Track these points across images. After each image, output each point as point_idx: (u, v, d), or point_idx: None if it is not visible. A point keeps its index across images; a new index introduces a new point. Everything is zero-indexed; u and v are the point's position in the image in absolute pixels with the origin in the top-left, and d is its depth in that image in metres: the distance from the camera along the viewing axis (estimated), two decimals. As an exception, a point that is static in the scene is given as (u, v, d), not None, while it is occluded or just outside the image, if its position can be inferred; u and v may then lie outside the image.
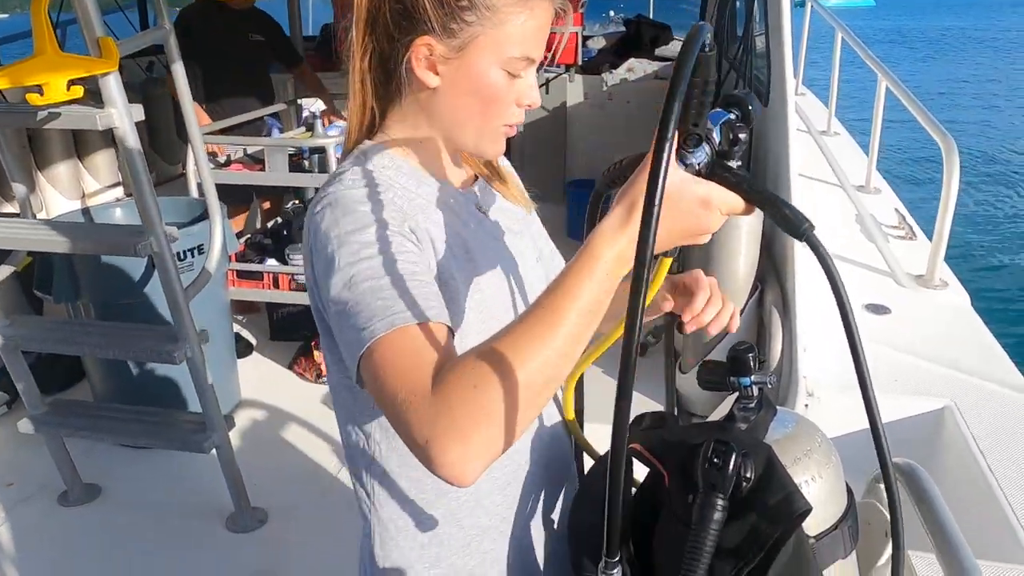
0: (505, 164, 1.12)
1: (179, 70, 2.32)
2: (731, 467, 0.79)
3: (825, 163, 4.49)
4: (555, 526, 1.10)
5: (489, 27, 0.87)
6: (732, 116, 0.73)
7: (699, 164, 0.72)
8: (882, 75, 3.62)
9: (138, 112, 1.98)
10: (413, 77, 0.91)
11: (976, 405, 2.19)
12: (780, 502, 0.79)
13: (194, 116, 2.40)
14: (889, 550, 1.17)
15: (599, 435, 1.02)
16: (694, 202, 0.72)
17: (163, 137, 5.60)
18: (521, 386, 0.69)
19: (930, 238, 3.00)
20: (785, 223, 0.72)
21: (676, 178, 0.70)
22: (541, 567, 1.08)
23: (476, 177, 1.06)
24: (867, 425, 0.89)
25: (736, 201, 0.73)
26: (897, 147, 10.63)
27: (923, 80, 19.73)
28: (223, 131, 3.59)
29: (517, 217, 1.08)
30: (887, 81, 3.59)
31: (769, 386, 0.96)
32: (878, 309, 2.73)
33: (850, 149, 4.84)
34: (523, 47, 0.89)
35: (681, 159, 0.71)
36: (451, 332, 0.80)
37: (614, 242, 0.70)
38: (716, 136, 0.72)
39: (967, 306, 2.82)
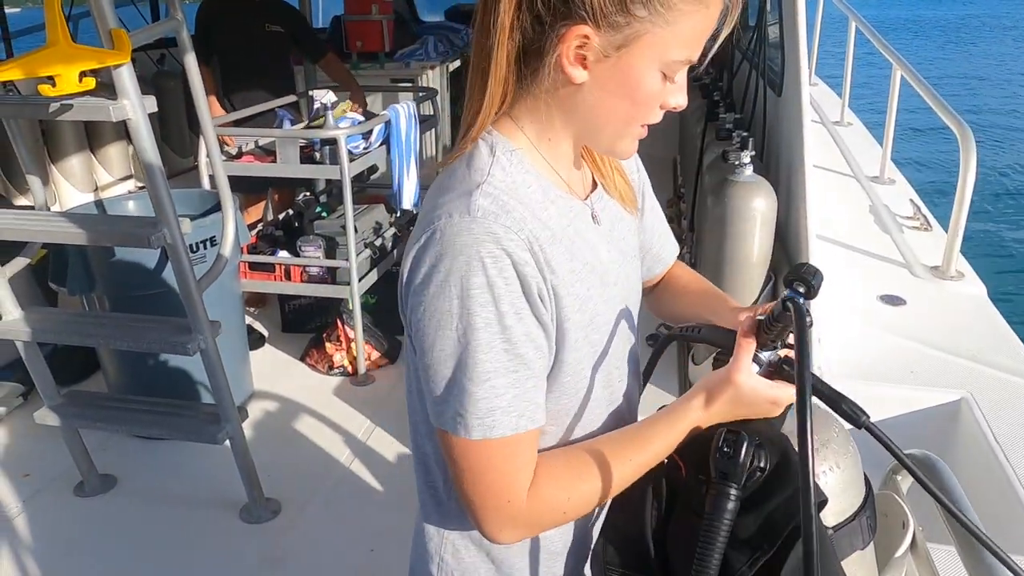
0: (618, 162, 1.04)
1: (191, 62, 2.32)
2: (743, 456, 0.79)
3: (839, 154, 4.45)
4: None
5: (660, 25, 0.78)
6: (799, 294, 0.83)
7: (769, 362, 0.88)
8: (896, 64, 3.58)
9: (151, 104, 1.98)
10: (559, 69, 0.81)
11: (993, 396, 2.17)
12: (795, 493, 0.78)
13: (207, 107, 2.40)
14: (907, 541, 1.17)
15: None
16: (764, 403, 0.88)
17: (175, 129, 5.64)
18: (589, 508, 0.90)
19: (946, 229, 2.97)
20: (845, 416, 0.84)
21: (751, 384, 0.87)
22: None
23: (595, 183, 0.99)
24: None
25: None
26: (912, 137, 10.52)
27: (938, 69, 19.54)
28: (235, 123, 3.59)
29: (626, 220, 1.03)
30: (902, 70, 3.55)
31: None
32: (894, 300, 2.70)
33: (864, 139, 4.80)
34: (689, 49, 0.82)
35: (755, 360, 0.88)
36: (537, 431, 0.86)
37: (693, 420, 0.89)
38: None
39: (984, 297, 2.80)
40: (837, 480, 0.94)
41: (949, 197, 2.86)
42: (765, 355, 0.88)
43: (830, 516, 0.94)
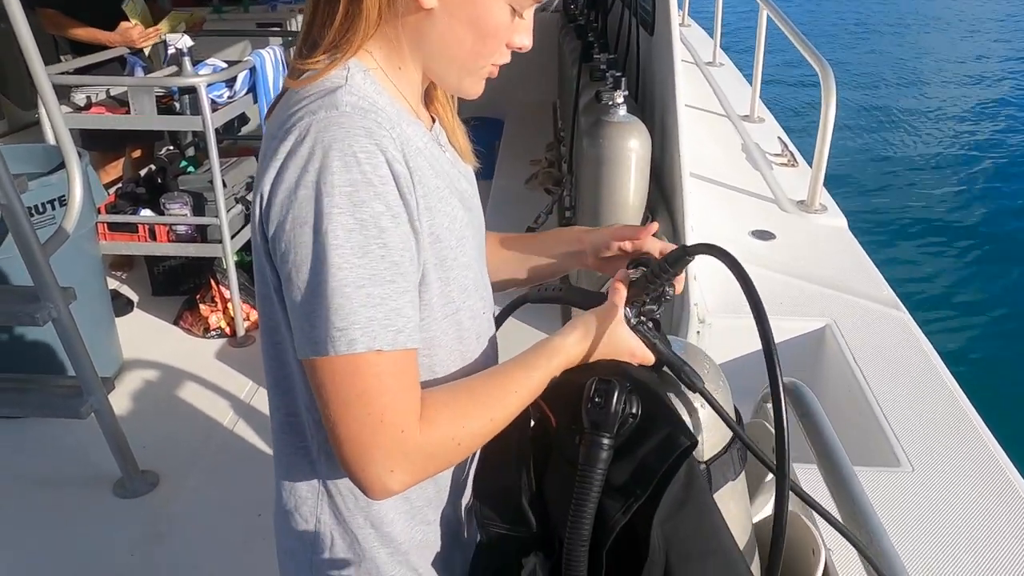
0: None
1: (14, 4, 2.07)
2: (614, 405, 0.78)
3: (711, 93, 4.56)
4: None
5: None
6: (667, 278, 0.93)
7: (630, 317, 0.92)
8: (763, 4, 3.67)
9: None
10: None
11: (854, 323, 2.31)
12: (666, 437, 0.79)
13: (37, 54, 2.15)
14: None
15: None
16: (627, 352, 0.91)
17: (14, 78, 5.12)
18: (481, 440, 0.85)
19: (811, 164, 3.10)
20: (685, 384, 0.91)
21: (622, 330, 0.90)
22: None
23: (433, 119, 0.96)
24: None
25: (650, 355, 0.92)
26: (781, 75, 10.95)
27: (801, 6, 20.29)
28: (80, 71, 3.29)
29: (462, 163, 1.00)
30: (768, 10, 3.64)
31: (668, 297, 0.97)
32: (763, 235, 2.81)
33: (735, 79, 4.93)
34: None
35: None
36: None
37: (571, 354, 0.89)
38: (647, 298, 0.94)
39: (845, 228, 2.95)
40: (708, 415, 0.95)
41: (814, 134, 2.98)
42: (628, 311, 0.92)
43: (704, 449, 0.96)
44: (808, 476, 1.37)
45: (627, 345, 0.90)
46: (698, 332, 2.22)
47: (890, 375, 2.08)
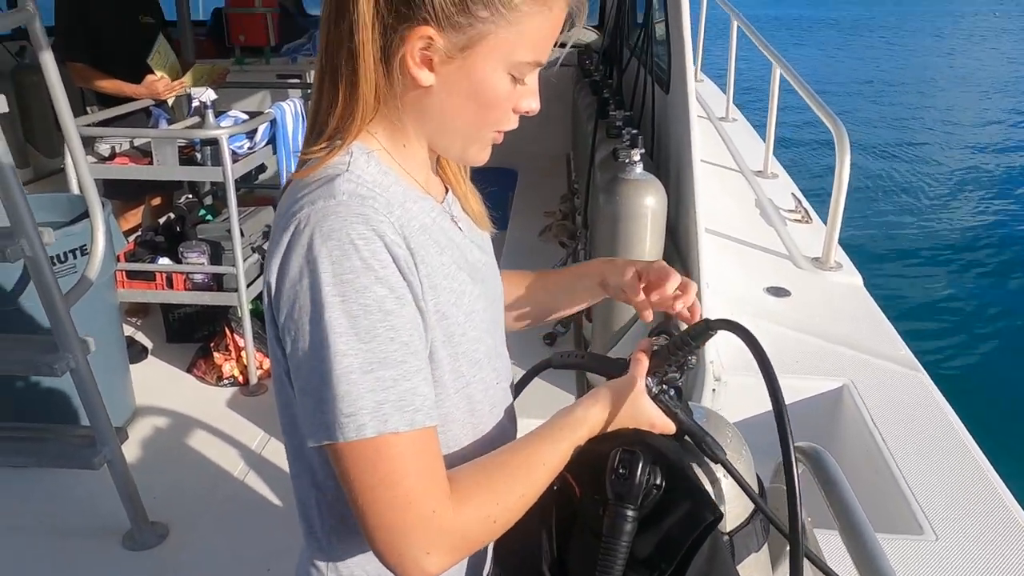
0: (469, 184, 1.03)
1: (47, 58, 2.14)
2: (638, 477, 0.78)
3: (725, 149, 4.61)
4: None
5: (503, 26, 0.78)
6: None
7: (652, 387, 0.93)
8: (776, 63, 3.73)
9: (0, 103, 1.81)
10: (406, 72, 0.80)
11: (871, 383, 2.29)
12: (691, 510, 0.78)
13: (66, 105, 2.21)
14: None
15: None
16: (645, 421, 0.91)
17: (40, 128, 5.23)
18: (516, 514, 0.83)
19: (825, 221, 3.11)
20: (705, 450, 0.93)
21: (644, 400, 0.91)
22: None
23: (446, 189, 0.97)
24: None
25: (671, 425, 0.92)
26: (793, 133, 11.06)
27: (817, 66, 20.63)
28: (105, 122, 3.36)
29: (478, 229, 1.01)
30: (781, 69, 3.70)
31: (691, 366, 0.97)
32: (779, 292, 2.81)
33: (748, 135, 4.98)
34: (535, 51, 0.82)
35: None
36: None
37: (592, 428, 0.89)
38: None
39: (860, 286, 2.95)
40: (731, 486, 0.94)
41: (829, 191, 3.00)
42: (650, 380, 0.93)
43: (726, 522, 0.95)
44: (831, 543, 1.35)
45: (648, 416, 0.91)
46: (714, 390, 2.21)
47: (909, 437, 2.05)
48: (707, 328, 0.92)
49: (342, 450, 0.74)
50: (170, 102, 3.68)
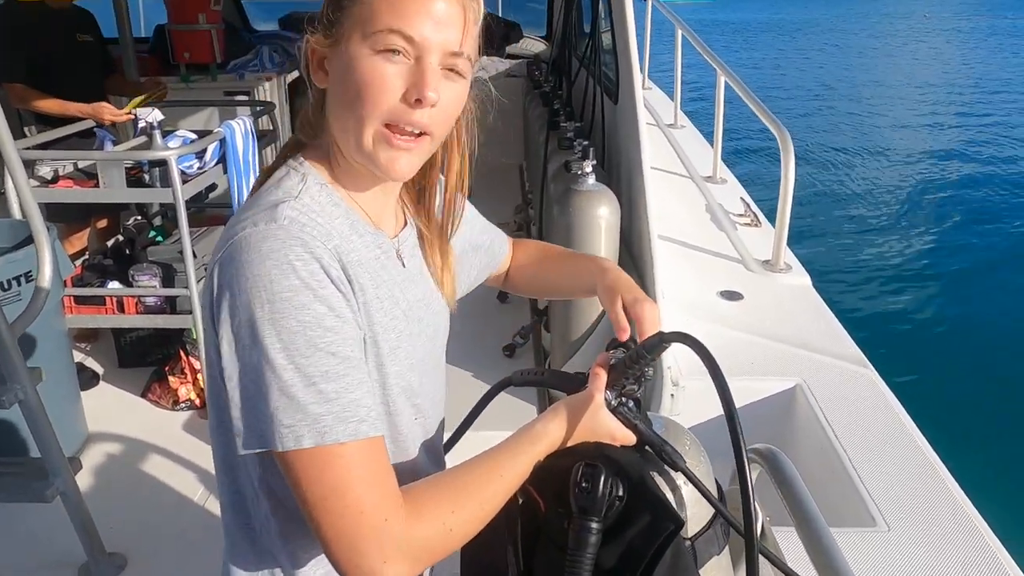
0: (457, 248, 1.07)
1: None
2: (600, 489, 0.80)
3: (675, 155, 4.69)
4: None
5: (358, 4, 0.82)
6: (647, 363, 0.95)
7: (611, 400, 0.95)
8: (720, 70, 3.82)
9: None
10: (316, 83, 0.87)
11: (823, 381, 2.35)
12: (652, 519, 0.80)
13: (6, 129, 2.15)
14: (757, 533, 1.23)
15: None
16: (605, 434, 0.92)
17: (-22, 152, 5.08)
18: (474, 527, 0.83)
19: (773, 224, 3.19)
20: (665, 459, 0.93)
21: (604, 413, 0.92)
22: None
23: (405, 223, 0.99)
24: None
25: (630, 436, 0.93)
26: (743, 137, 11.29)
27: (760, 69, 21.09)
28: (47, 144, 3.29)
29: (427, 269, 1.03)
30: (725, 76, 3.79)
31: (648, 377, 1.00)
32: (732, 296, 2.87)
33: (696, 141, 5.08)
34: (389, 18, 0.79)
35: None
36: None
37: (552, 442, 0.91)
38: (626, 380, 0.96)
39: (809, 286, 3.03)
40: (691, 492, 0.97)
41: (776, 192, 3.08)
42: (608, 394, 0.95)
43: (688, 526, 0.97)
44: (789, 540, 1.39)
45: (607, 429, 0.93)
46: (672, 395, 2.24)
47: (860, 433, 2.12)
48: (661, 341, 0.94)
49: (290, 461, 0.76)
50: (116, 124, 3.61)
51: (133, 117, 3.48)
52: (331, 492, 0.75)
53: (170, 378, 3.17)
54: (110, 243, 3.52)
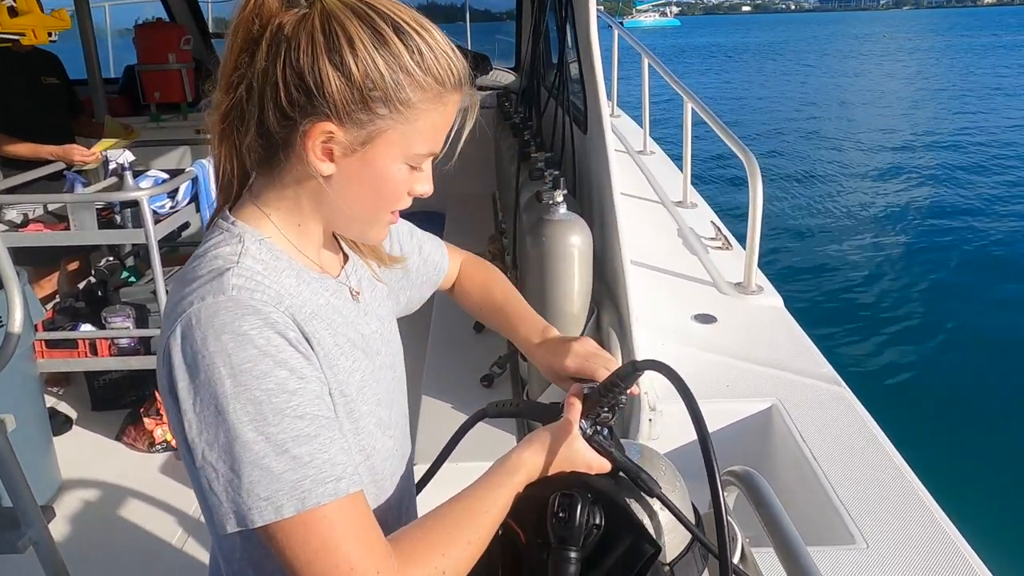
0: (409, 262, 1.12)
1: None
2: (578, 519, 0.81)
3: (645, 181, 4.75)
4: None
5: (400, 122, 0.83)
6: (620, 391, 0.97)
7: (586, 429, 0.96)
8: (687, 98, 3.89)
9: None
10: (305, 161, 0.83)
11: (798, 401, 2.38)
12: (630, 546, 0.81)
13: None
14: (737, 555, 1.24)
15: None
16: (582, 464, 0.93)
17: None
18: (466, 566, 0.84)
19: (744, 247, 3.24)
20: (641, 486, 0.94)
21: (579, 443, 0.93)
22: None
23: (346, 256, 1.01)
24: (709, 430, 0.95)
25: (606, 465, 0.94)
26: (709, 160, 11.46)
27: (728, 90, 21.46)
28: (15, 188, 3.26)
29: (378, 287, 1.06)
30: (692, 103, 3.86)
31: (622, 405, 1.01)
32: (706, 319, 2.91)
33: (666, 167, 5.15)
34: (431, 143, 0.86)
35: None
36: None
37: (529, 472, 0.91)
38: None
39: (781, 307, 3.07)
40: (668, 518, 0.98)
41: (745, 216, 3.13)
42: (583, 423, 0.96)
43: (666, 552, 0.98)
44: (768, 561, 1.40)
45: (583, 458, 0.94)
46: (650, 420, 2.26)
47: (837, 452, 2.14)
48: (634, 369, 0.96)
49: (271, 532, 0.75)
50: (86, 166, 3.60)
51: (102, 159, 3.47)
52: (317, 555, 0.75)
53: (145, 420, 3.13)
54: (81, 285, 3.49)
